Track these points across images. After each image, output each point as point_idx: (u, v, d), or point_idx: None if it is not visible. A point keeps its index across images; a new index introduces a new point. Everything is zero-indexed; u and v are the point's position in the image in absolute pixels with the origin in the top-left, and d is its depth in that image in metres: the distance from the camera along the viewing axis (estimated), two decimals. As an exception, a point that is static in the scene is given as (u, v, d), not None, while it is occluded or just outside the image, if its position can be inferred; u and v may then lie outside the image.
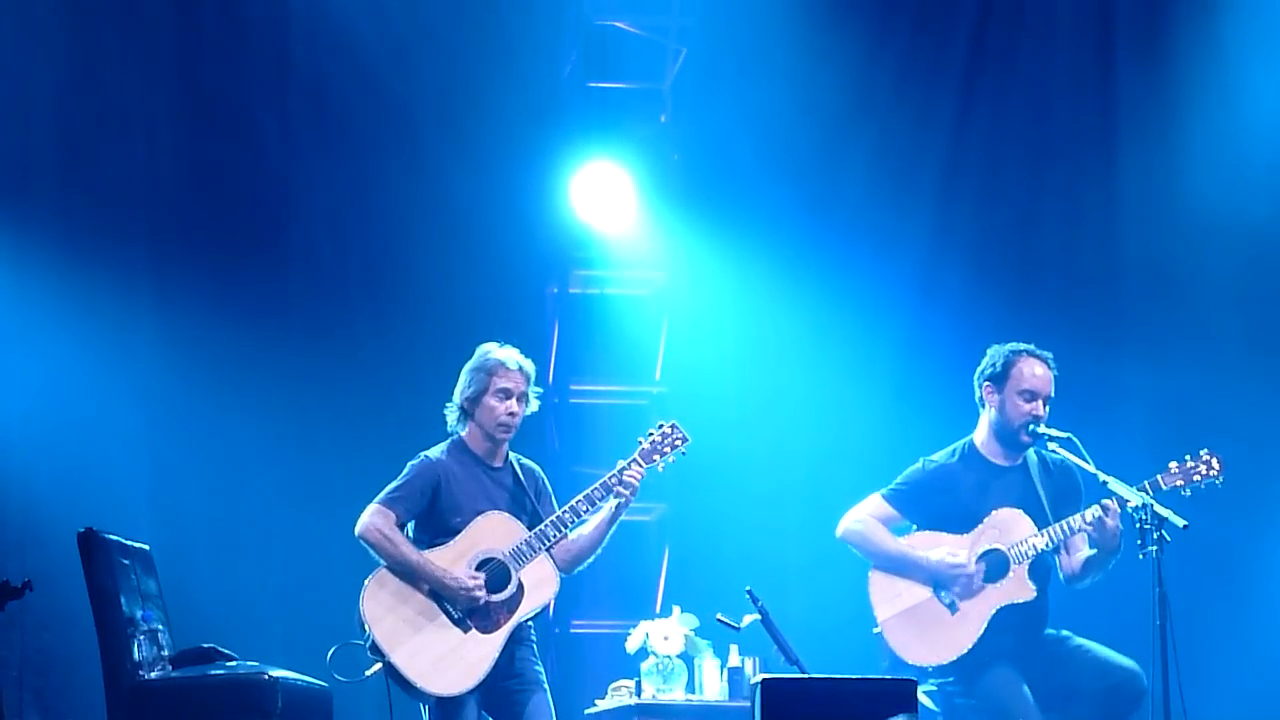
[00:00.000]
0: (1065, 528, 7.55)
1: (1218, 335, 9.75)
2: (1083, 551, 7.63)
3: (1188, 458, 7.58)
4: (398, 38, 9.85)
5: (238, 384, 9.51)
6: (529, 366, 7.41)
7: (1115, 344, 9.84)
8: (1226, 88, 9.87)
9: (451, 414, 7.42)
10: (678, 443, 7.45)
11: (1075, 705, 7.56)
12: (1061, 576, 7.70)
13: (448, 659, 7.12)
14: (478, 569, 7.19)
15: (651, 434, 7.45)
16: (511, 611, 7.20)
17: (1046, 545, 7.58)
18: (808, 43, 9.93)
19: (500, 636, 7.18)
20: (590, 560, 7.41)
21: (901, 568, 7.64)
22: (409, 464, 7.33)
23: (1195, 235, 9.77)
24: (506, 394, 7.33)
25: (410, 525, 7.31)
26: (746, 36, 9.98)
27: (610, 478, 7.32)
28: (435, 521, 7.27)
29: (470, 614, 7.17)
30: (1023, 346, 7.73)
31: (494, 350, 7.41)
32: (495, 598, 7.18)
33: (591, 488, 7.33)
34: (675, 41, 10.24)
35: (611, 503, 7.31)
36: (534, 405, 7.43)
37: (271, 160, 9.80)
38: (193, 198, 9.70)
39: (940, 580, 7.58)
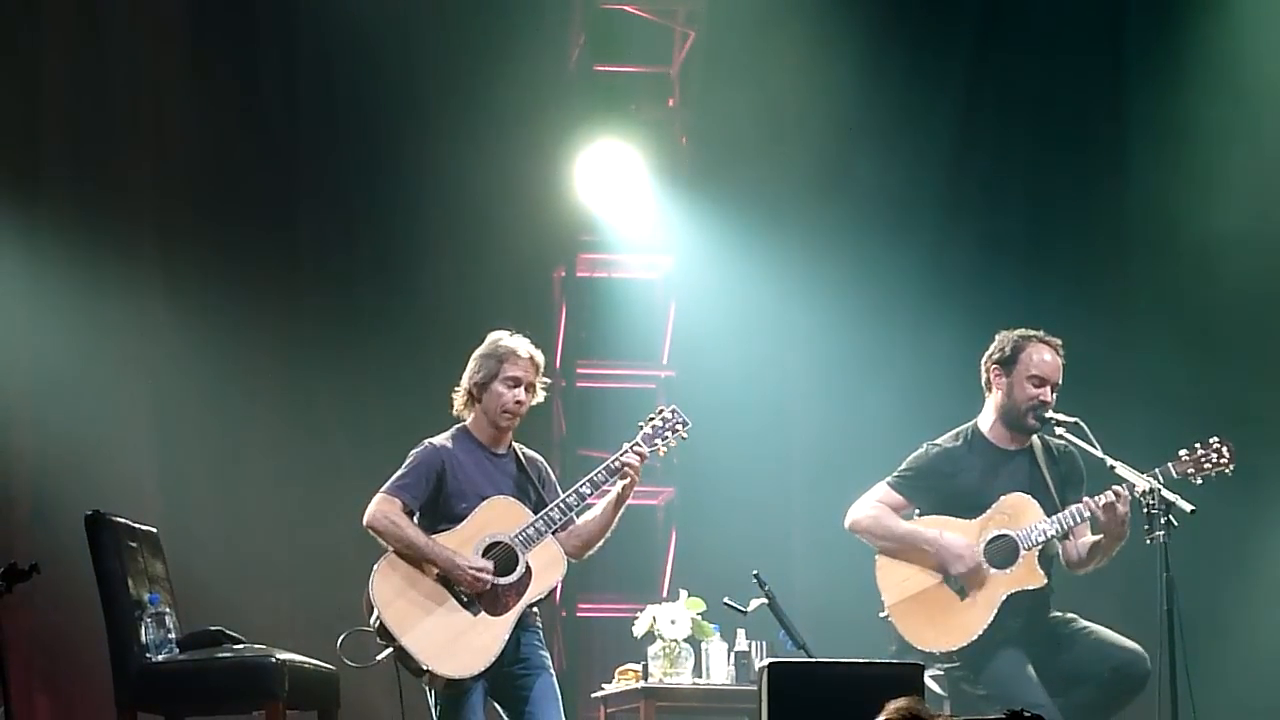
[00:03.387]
0: (1075, 514, 7.50)
1: (1229, 322, 9.73)
2: (1086, 537, 7.60)
3: (1198, 445, 7.53)
4: (405, 21, 9.84)
5: (246, 367, 9.51)
6: (539, 357, 7.40)
7: (1125, 330, 9.82)
8: (1238, 65, 9.83)
9: (458, 399, 7.41)
10: (678, 427, 7.43)
11: (1079, 688, 7.48)
12: (1063, 562, 7.66)
13: (457, 642, 7.11)
14: (485, 553, 7.19)
15: (651, 418, 7.44)
16: (520, 595, 7.19)
17: (1056, 532, 7.53)
18: (816, 26, 9.91)
19: (509, 619, 7.17)
20: (599, 545, 7.39)
21: (913, 548, 7.58)
22: (413, 451, 7.32)
23: (1206, 221, 9.74)
24: (515, 382, 7.31)
25: (416, 514, 7.30)
26: (755, 20, 9.96)
27: (613, 461, 7.32)
28: (441, 507, 7.26)
29: (479, 597, 7.17)
30: (1032, 332, 7.66)
31: (505, 338, 7.39)
32: (503, 581, 7.17)
33: (594, 471, 7.32)
34: (683, 25, 10.24)
35: (617, 486, 7.30)
36: (540, 396, 7.42)
37: (279, 144, 9.81)
38: (201, 180, 9.71)
39: (947, 559, 7.51)
